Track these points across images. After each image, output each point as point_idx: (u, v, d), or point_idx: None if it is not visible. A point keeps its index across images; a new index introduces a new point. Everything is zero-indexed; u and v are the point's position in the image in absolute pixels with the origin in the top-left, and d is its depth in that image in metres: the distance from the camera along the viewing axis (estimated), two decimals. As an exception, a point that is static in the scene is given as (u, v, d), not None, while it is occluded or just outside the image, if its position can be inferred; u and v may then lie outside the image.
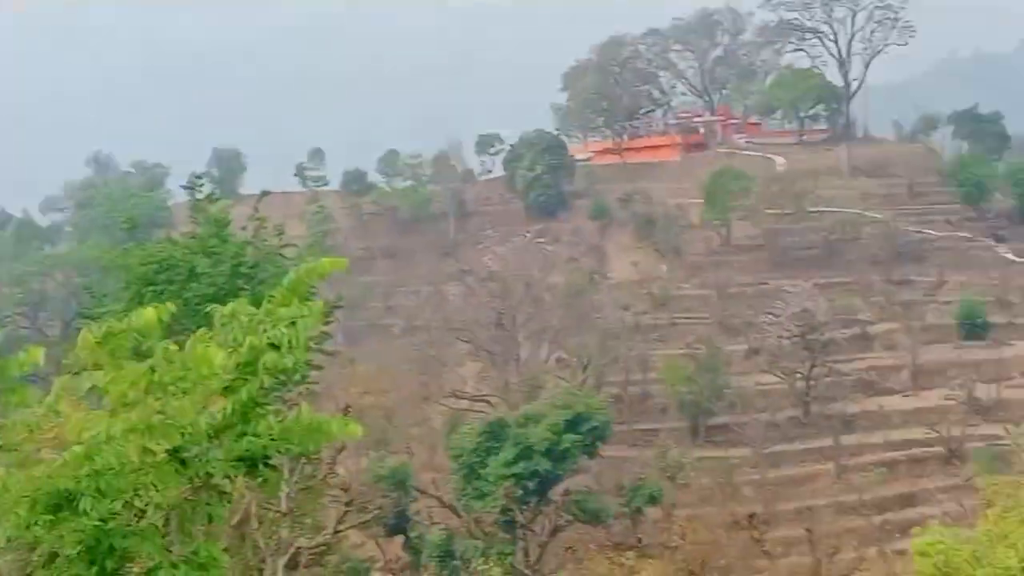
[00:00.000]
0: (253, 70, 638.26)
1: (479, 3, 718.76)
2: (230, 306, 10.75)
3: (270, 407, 10.92)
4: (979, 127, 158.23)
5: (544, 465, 73.10)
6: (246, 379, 10.46)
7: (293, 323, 10.68)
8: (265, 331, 10.52)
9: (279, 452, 10.89)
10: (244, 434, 10.51)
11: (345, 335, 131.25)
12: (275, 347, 10.53)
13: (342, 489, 42.99)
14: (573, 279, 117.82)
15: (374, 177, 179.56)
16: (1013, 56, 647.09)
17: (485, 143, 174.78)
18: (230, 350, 10.43)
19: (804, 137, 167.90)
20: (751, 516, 75.71)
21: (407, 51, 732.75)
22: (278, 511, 31.99)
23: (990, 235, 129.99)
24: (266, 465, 10.85)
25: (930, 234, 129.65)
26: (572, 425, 75.03)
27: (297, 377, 14.30)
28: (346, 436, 11.38)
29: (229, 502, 11.19)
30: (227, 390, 10.41)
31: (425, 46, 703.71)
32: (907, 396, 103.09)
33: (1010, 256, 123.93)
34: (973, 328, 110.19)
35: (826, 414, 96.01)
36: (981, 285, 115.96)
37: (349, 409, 45.72)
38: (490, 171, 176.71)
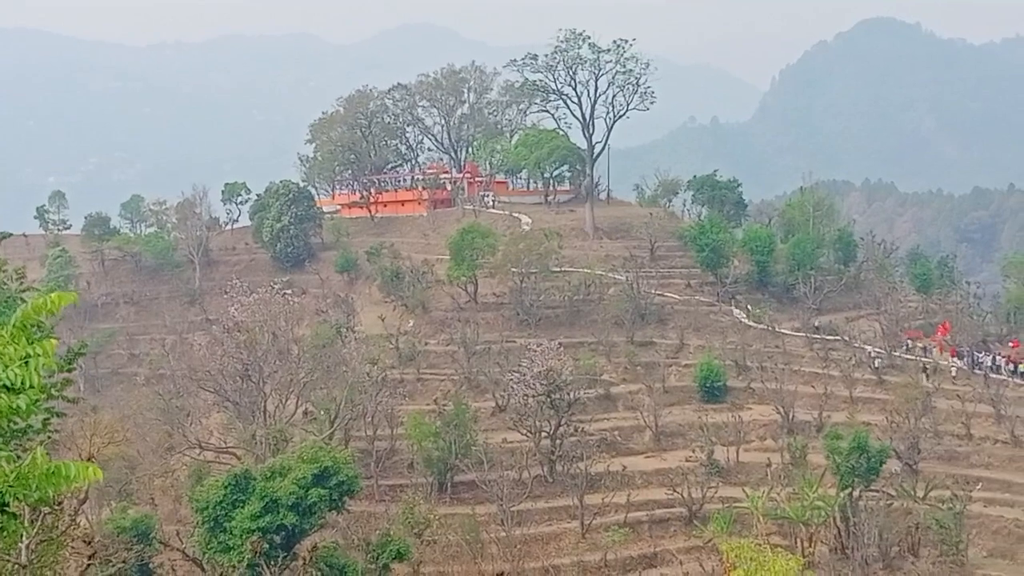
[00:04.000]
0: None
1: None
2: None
3: (3, 453, 10.10)
4: (718, 193, 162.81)
5: (291, 519, 72.60)
6: (-25, 423, 9.59)
7: (25, 362, 9.92)
8: (-7, 372, 9.70)
9: (16, 499, 10.02)
10: (-24, 481, 9.59)
11: (88, 383, 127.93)
12: (8, 388, 9.72)
13: (84, 541, 41.24)
14: (320, 331, 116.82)
15: (117, 222, 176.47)
16: (748, 126, 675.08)
17: (232, 191, 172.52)
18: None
19: (549, 197, 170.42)
20: (500, 575, 75.61)
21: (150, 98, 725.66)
22: (17, 563, 30.47)
23: (727, 300, 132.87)
24: (3, 513, 9.97)
25: (671, 297, 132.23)
26: (319, 479, 74.68)
27: (38, 425, 13.28)
28: (86, 481, 10.62)
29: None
30: (-45, 435, 9.52)
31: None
32: (649, 457, 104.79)
33: (747, 321, 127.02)
34: (712, 391, 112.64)
35: (571, 473, 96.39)
36: (720, 349, 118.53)
37: (92, 459, 43.77)
38: (236, 220, 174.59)
